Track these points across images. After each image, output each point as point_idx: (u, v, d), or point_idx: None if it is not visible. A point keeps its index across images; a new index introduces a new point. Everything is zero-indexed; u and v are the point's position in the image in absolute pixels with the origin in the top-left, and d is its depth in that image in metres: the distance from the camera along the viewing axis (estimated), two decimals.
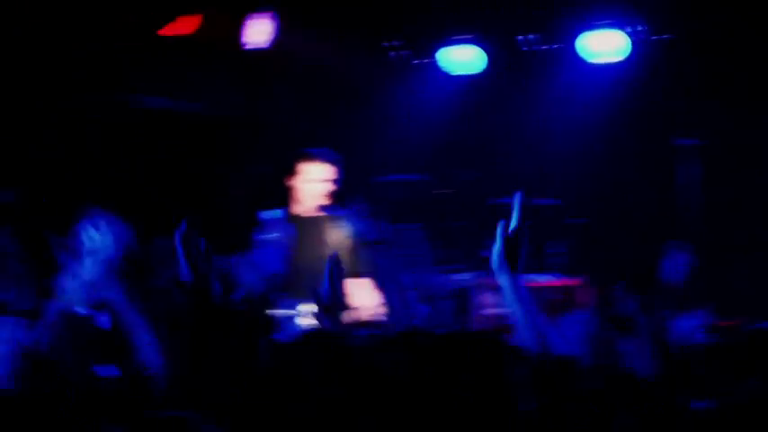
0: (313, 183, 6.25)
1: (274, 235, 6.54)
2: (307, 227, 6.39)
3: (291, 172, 6.32)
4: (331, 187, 6.33)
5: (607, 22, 8.22)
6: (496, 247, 3.24)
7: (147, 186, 7.98)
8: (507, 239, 3.24)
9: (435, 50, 8.77)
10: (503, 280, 3.23)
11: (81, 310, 3.88)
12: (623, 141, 8.54)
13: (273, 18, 8.39)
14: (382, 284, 5.93)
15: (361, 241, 6.36)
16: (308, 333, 3.77)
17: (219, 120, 9.12)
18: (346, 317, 4.15)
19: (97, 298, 3.73)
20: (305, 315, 5.68)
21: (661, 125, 8.16)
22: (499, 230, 3.24)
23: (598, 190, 8.54)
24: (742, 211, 7.88)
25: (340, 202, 6.63)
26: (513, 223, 3.33)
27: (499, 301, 5.64)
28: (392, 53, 9.05)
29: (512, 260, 3.21)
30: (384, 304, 5.82)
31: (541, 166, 8.48)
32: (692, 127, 8.02)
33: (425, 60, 9.01)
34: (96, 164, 8.16)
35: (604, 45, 8.22)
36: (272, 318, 5.35)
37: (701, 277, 6.60)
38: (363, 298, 5.80)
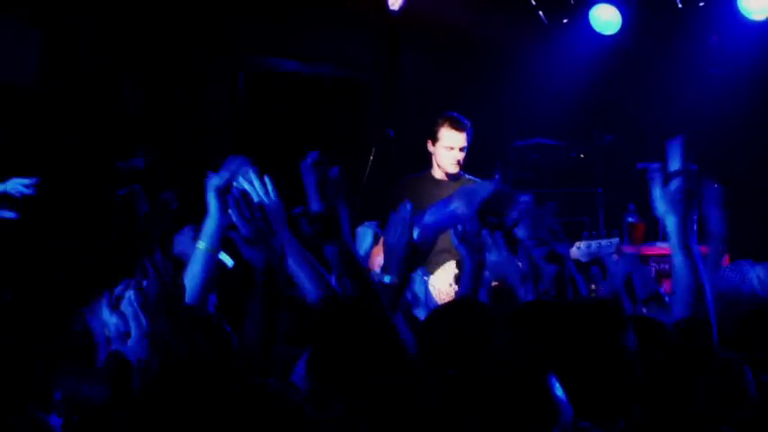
0: (453, 150, 6.43)
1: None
2: (442, 190, 6.41)
3: (431, 137, 6.49)
4: (464, 154, 6.52)
5: None
6: (657, 192, 3.22)
7: (280, 149, 7.80)
8: (669, 182, 3.23)
9: (587, 9, 8.72)
10: (669, 223, 3.21)
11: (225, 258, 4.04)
12: None
13: None
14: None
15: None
16: (449, 304, 3.88)
17: (354, 84, 9.27)
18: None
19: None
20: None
21: None
22: (656, 176, 3.23)
23: (740, 154, 8.32)
24: None
25: (473, 168, 6.82)
26: (675, 165, 3.32)
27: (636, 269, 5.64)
28: (541, 12, 9.01)
29: (679, 203, 3.19)
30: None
31: (686, 131, 8.13)
32: None
33: (575, 20, 8.89)
34: (229, 127, 8.41)
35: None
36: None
37: None
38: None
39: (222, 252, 4.00)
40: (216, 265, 3.87)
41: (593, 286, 7.38)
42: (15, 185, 6.01)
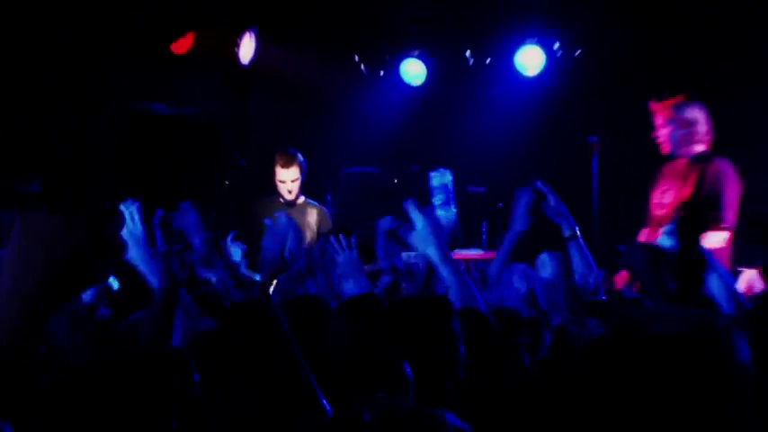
0: (285, 182, 6.97)
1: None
2: (286, 211, 6.27)
3: (272, 171, 7.05)
4: (299, 183, 7.00)
5: (531, 39, 8.78)
6: (418, 228, 3.54)
7: (153, 179, 8.11)
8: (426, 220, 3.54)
9: (398, 64, 9.42)
10: (431, 253, 3.52)
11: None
12: (542, 140, 9.01)
13: (257, 35, 8.77)
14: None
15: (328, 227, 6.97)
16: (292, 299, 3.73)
17: (213, 123, 9.32)
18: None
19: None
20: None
21: (575, 125, 8.34)
22: (415, 215, 3.56)
23: (518, 179, 7.48)
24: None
25: (310, 191, 7.37)
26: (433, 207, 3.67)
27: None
28: (363, 66, 9.61)
29: (430, 235, 3.48)
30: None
31: (475, 161, 8.96)
32: (600, 126, 8.05)
33: (389, 73, 9.61)
34: (112, 160, 8.23)
35: (529, 60, 8.85)
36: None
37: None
38: None
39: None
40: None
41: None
42: None
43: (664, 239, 4.04)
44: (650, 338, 1.86)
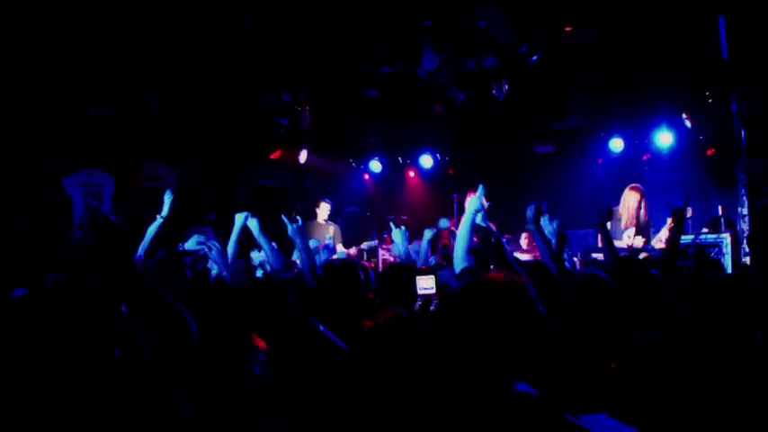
0: (322, 214, 10.20)
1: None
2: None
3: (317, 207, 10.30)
4: (328, 213, 10.13)
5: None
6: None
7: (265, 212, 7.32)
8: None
9: (368, 162, 13.47)
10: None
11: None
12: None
13: (307, 149, 12.64)
14: None
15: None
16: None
17: (287, 189, 13.24)
18: None
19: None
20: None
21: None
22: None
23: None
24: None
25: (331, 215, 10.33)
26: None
27: None
28: (352, 163, 13.79)
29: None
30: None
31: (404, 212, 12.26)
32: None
33: (366, 166, 13.41)
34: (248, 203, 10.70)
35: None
36: None
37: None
38: None
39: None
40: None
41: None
42: None
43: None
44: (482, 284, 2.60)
